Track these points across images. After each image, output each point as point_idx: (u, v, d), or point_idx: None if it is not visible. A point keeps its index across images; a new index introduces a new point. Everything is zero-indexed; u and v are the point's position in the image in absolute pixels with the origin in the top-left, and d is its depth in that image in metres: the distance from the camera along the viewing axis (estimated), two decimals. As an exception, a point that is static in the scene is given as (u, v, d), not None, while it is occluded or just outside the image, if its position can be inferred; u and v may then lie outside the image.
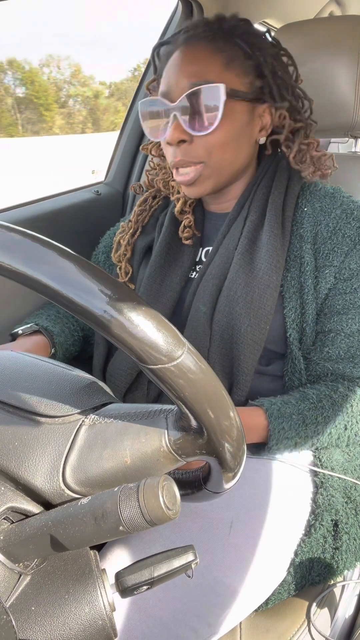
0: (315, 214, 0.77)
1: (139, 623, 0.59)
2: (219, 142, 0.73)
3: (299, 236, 0.77)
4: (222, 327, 0.76)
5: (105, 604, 0.37)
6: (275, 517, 0.70)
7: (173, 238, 0.86)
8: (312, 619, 0.71)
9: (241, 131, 0.75)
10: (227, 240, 0.80)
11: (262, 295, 0.74)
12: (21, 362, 0.46)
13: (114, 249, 0.92)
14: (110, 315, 0.29)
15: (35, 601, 0.36)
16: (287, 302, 0.76)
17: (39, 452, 0.38)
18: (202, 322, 0.77)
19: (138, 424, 0.38)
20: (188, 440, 0.37)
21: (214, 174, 0.76)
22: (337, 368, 0.75)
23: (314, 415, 0.71)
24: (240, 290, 0.75)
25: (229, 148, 0.74)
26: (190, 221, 0.85)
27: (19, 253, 0.30)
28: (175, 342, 0.31)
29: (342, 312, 0.75)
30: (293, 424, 0.70)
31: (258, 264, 0.75)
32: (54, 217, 1.17)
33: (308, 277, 0.75)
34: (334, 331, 0.75)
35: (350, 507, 0.76)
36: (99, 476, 0.38)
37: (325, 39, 0.94)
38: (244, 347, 0.74)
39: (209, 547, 0.64)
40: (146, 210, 0.93)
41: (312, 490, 0.76)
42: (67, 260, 0.30)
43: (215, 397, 0.34)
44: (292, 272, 0.76)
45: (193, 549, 0.39)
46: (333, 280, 0.75)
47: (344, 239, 0.75)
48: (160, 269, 0.84)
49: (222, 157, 0.74)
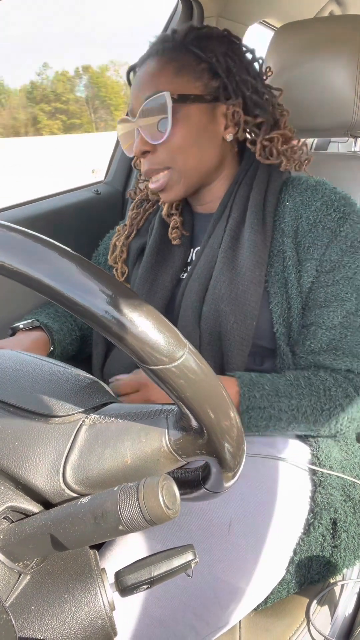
0: (296, 208, 0.77)
1: (138, 622, 0.59)
2: (177, 147, 0.76)
3: (281, 231, 0.77)
4: (210, 325, 0.77)
5: (105, 603, 0.37)
6: (274, 516, 0.70)
7: (163, 239, 0.88)
8: (312, 617, 0.72)
9: (201, 132, 0.77)
10: (212, 239, 0.82)
11: (246, 292, 0.75)
12: (21, 362, 0.46)
13: (110, 251, 0.95)
14: (112, 316, 0.29)
15: (35, 600, 0.36)
16: (273, 298, 0.76)
17: (40, 451, 0.38)
18: (190, 321, 0.79)
19: (138, 424, 0.38)
20: (188, 441, 0.37)
21: (182, 177, 0.78)
22: (318, 360, 0.75)
23: (288, 390, 0.71)
24: (225, 287, 0.76)
25: (190, 151, 0.77)
26: (177, 222, 0.87)
27: (19, 253, 0.30)
28: (177, 343, 0.31)
29: (323, 304, 0.75)
30: (265, 394, 0.70)
31: (241, 261, 0.76)
32: (54, 216, 1.17)
33: (291, 271, 0.76)
34: (315, 324, 0.75)
35: (349, 505, 0.76)
36: (99, 476, 0.38)
37: (325, 39, 0.94)
38: (232, 344, 0.75)
39: (208, 546, 0.64)
40: (140, 214, 0.95)
41: (311, 488, 0.76)
42: (68, 260, 0.30)
43: (215, 397, 0.34)
44: (276, 267, 0.77)
45: (192, 548, 0.39)
46: (315, 274, 0.75)
47: (324, 230, 0.75)
48: (151, 269, 0.86)
49: (185, 160, 0.77)
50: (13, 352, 0.49)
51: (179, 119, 0.74)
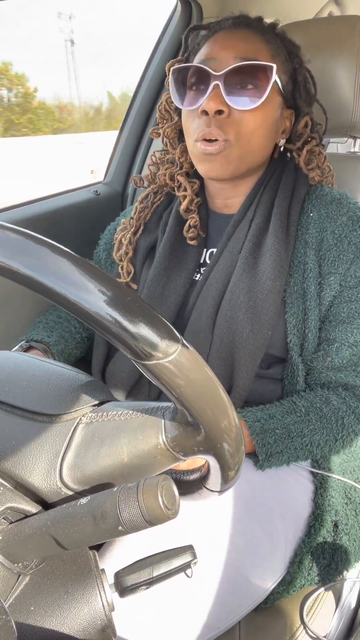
0: (321, 220, 0.77)
1: (138, 623, 0.59)
2: (253, 124, 0.72)
3: (304, 242, 0.76)
4: (223, 331, 0.75)
5: (105, 604, 0.37)
6: (274, 518, 0.70)
7: (177, 238, 0.84)
8: (312, 618, 0.72)
9: (272, 123, 0.76)
10: (232, 242, 0.79)
11: (265, 301, 0.73)
12: (18, 361, 0.46)
13: (115, 248, 0.90)
14: (104, 311, 0.29)
15: (35, 601, 0.36)
16: (289, 308, 0.75)
17: (36, 450, 0.38)
18: (203, 326, 0.76)
19: (135, 421, 0.38)
20: (185, 438, 0.37)
21: (236, 158, 0.74)
22: (339, 377, 0.74)
23: (299, 428, 0.71)
24: (243, 295, 0.74)
25: (258, 134, 0.74)
26: (196, 221, 0.83)
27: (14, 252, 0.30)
28: (170, 337, 0.31)
29: (346, 320, 0.74)
30: (277, 438, 0.69)
31: (262, 269, 0.74)
32: (53, 217, 1.17)
33: (311, 283, 0.74)
34: (338, 341, 0.74)
35: (350, 508, 0.76)
36: (96, 474, 0.38)
37: (325, 39, 0.94)
38: (245, 353, 0.73)
39: (208, 546, 0.64)
40: (148, 207, 0.90)
41: (312, 491, 0.76)
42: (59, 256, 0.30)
43: (212, 394, 0.34)
44: (295, 278, 0.75)
45: (192, 549, 0.39)
46: (338, 288, 0.74)
47: (350, 246, 0.74)
48: (165, 270, 0.82)
49: (249, 142, 0.73)
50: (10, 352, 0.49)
51: (267, 99, 0.72)
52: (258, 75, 0.70)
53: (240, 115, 0.72)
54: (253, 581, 0.66)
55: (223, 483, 0.42)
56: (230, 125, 0.72)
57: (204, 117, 0.72)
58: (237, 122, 0.72)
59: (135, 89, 1.38)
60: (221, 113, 0.71)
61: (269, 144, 0.78)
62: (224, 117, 0.71)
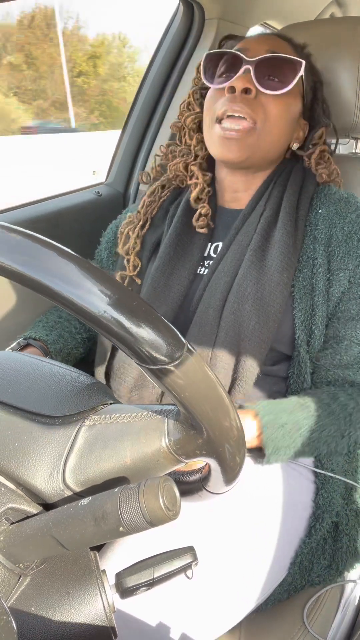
0: (330, 217, 0.77)
1: (138, 624, 0.59)
2: (277, 110, 0.76)
3: (313, 237, 0.77)
4: (229, 324, 0.74)
5: (105, 605, 0.37)
6: (275, 518, 0.70)
7: (184, 229, 0.84)
8: (312, 619, 0.71)
9: (292, 119, 0.80)
10: (241, 236, 0.79)
11: (272, 293, 0.73)
12: (21, 363, 0.46)
13: (122, 241, 0.89)
14: (110, 316, 0.29)
15: (36, 602, 0.36)
16: (298, 303, 0.75)
17: (39, 452, 0.38)
18: (210, 319, 0.76)
19: (138, 424, 0.38)
20: (188, 441, 0.37)
21: (253, 145, 0.76)
22: (347, 374, 0.75)
23: (308, 423, 0.70)
24: (251, 287, 0.74)
25: (281, 124, 0.78)
26: (208, 210, 0.83)
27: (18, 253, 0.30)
28: (176, 343, 0.31)
29: (356, 317, 0.74)
30: (286, 432, 0.69)
31: (270, 262, 0.75)
32: (55, 217, 1.17)
33: (320, 279, 0.75)
34: (347, 338, 0.74)
35: (351, 509, 0.76)
36: (99, 477, 0.38)
37: (326, 41, 0.94)
38: (250, 345, 0.73)
39: (209, 547, 0.64)
40: (155, 201, 0.90)
41: (313, 491, 0.76)
42: (65, 260, 0.30)
43: (215, 397, 0.34)
44: (304, 273, 0.76)
45: (193, 550, 0.39)
46: (347, 284, 0.74)
47: (359, 243, 0.75)
48: (170, 261, 0.82)
49: (271, 130, 0.77)
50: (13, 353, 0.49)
51: (291, 93, 0.77)
52: (286, 69, 0.75)
53: (266, 100, 0.75)
54: (254, 582, 0.66)
55: (224, 485, 0.42)
56: (258, 106, 0.75)
57: (230, 95, 0.75)
58: (263, 104, 0.75)
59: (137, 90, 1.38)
60: (248, 92, 0.74)
61: (285, 140, 0.81)
62: (251, 97, 0.75)
